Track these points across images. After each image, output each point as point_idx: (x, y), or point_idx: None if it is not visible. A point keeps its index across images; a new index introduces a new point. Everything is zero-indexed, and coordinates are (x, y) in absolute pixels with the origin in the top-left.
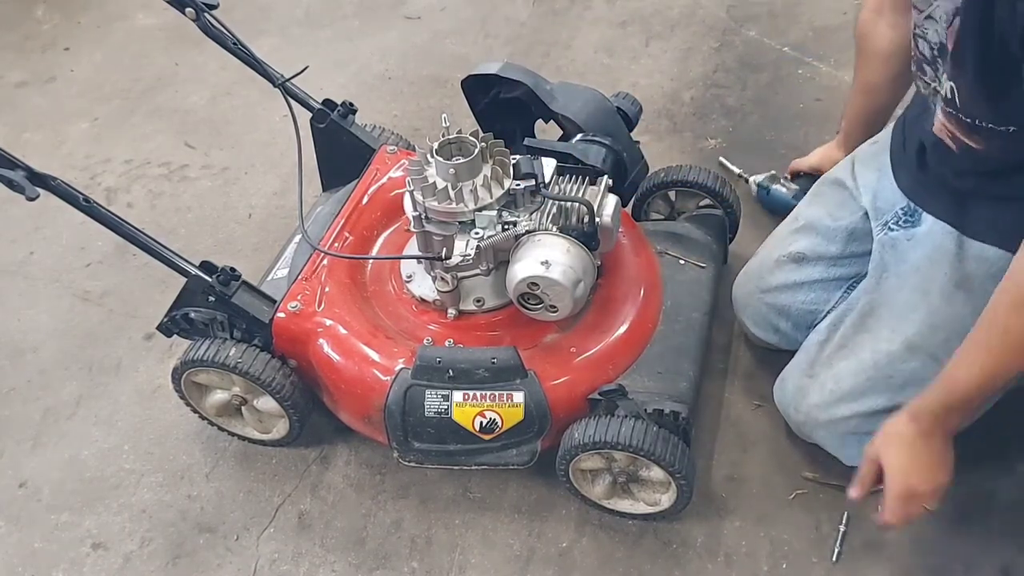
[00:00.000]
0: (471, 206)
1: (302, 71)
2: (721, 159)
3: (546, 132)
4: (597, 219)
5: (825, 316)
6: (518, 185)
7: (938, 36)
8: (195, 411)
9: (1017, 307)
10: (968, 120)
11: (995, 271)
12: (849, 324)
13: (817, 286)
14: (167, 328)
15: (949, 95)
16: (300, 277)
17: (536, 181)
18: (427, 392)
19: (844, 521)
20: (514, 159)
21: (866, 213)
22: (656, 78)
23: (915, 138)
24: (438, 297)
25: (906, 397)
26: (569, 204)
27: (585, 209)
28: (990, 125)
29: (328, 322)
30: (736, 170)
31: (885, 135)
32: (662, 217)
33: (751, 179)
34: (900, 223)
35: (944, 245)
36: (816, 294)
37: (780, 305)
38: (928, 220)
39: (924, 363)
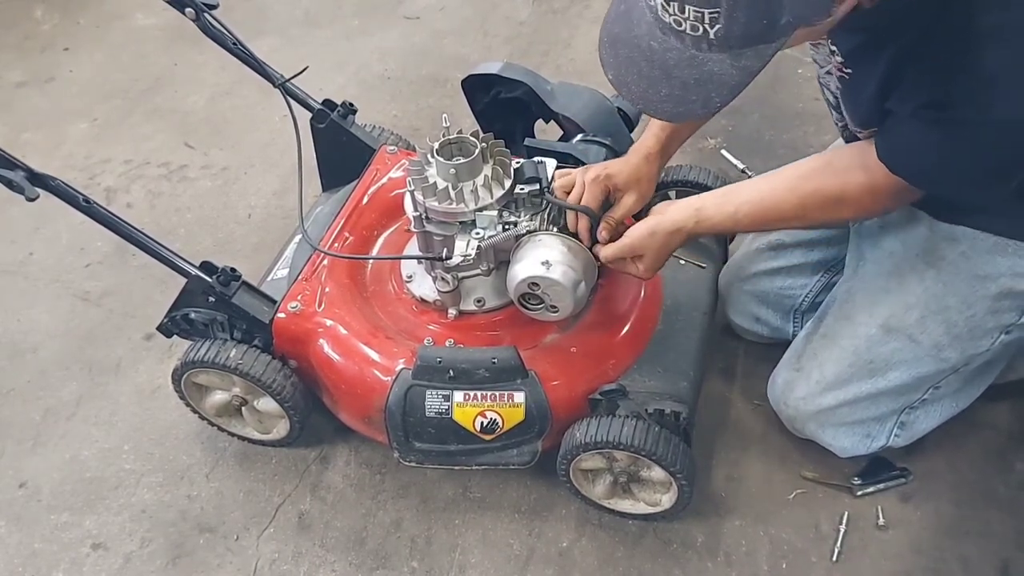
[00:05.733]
0: (472, 206)
1: (302, 71)
2: (723, 152)
3: (546, 132)
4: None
5: (803, 301)
6: (521, 189)
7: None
8: (195, 411)
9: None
10: None
11: (965, 248)
12: (830, 314)
13: (795, 271)
14: (167, 328)
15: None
16: (300, 277)
17: (540, 186)
18: (428, 392)
19: (844, 521)
20: (518, 163)
21: None
22: None
23: None
24: (438, 297)
25: (888, 381)
26: None
27: None
28: None
29: (328, 322)
30: (739, 164)
31: None
32: None
33: None
34: None
35: (916, 228)
36: (793, 279)
37: (759, 292)
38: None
39: (902, 344)
